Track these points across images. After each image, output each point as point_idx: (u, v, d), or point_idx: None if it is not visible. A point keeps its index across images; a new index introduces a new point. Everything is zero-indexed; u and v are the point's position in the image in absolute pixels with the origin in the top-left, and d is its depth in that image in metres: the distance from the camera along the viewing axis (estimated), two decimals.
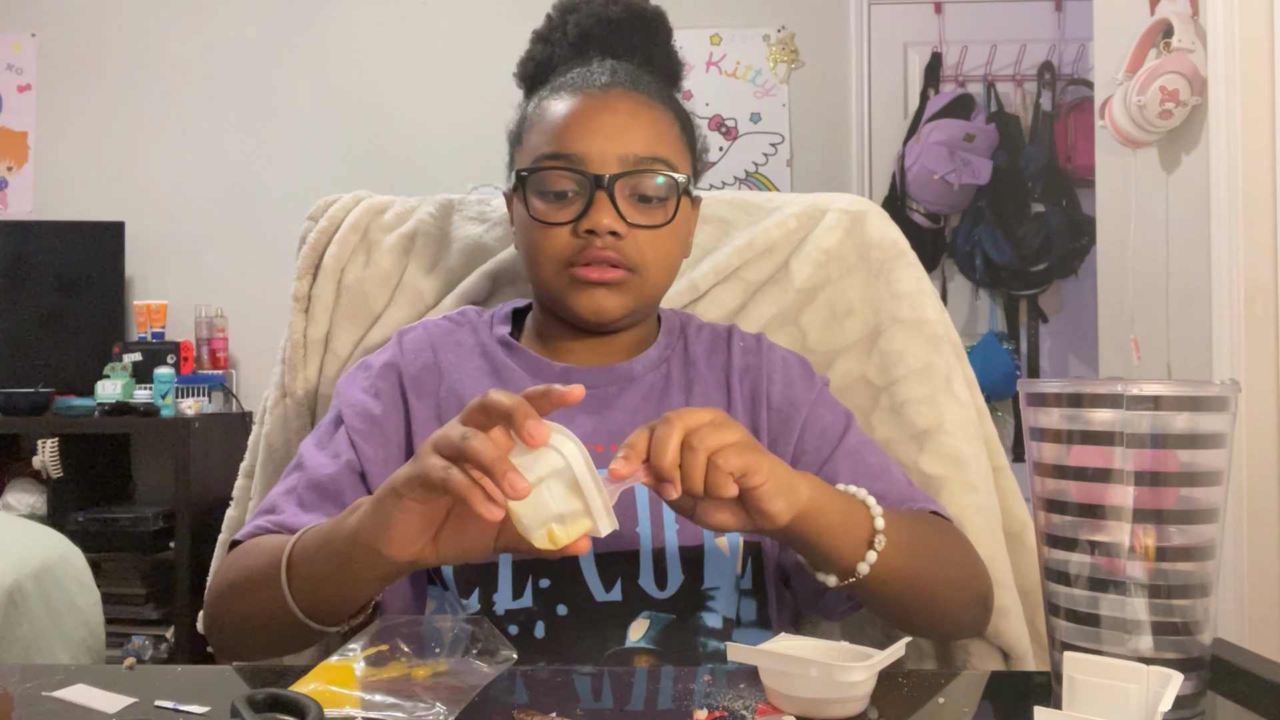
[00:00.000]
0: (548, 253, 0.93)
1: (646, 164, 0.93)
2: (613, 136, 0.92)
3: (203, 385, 3.34)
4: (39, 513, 3.11)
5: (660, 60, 1.05)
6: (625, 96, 0.95)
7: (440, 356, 1.00)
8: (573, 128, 0.93)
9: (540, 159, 0.94)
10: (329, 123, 3.61)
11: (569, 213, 0.92)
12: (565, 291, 0.94)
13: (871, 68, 3.61)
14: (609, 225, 0.91)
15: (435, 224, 1.24)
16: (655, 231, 0.93)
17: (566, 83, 0.98)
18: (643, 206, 0.93)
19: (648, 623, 0.90)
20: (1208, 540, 0.64)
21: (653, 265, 0.94)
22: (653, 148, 0.93)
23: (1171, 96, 2.00)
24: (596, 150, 0.92)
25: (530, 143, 0.97)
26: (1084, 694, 0.60)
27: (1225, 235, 1.94)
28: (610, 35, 1.03)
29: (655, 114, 0.96)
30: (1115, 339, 2.39)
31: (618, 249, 0.92)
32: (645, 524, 0.92)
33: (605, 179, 0.91)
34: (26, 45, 3.66)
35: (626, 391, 0.98)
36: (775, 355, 1.03)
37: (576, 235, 0.92)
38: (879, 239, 1.19)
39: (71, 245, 3.43)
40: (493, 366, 1.00)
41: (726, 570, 0.92)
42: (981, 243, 3.44)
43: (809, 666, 0.63)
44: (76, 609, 1.79)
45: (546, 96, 0.98)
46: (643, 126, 0.94)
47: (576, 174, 0.92)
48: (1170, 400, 0.63)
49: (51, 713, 0.64)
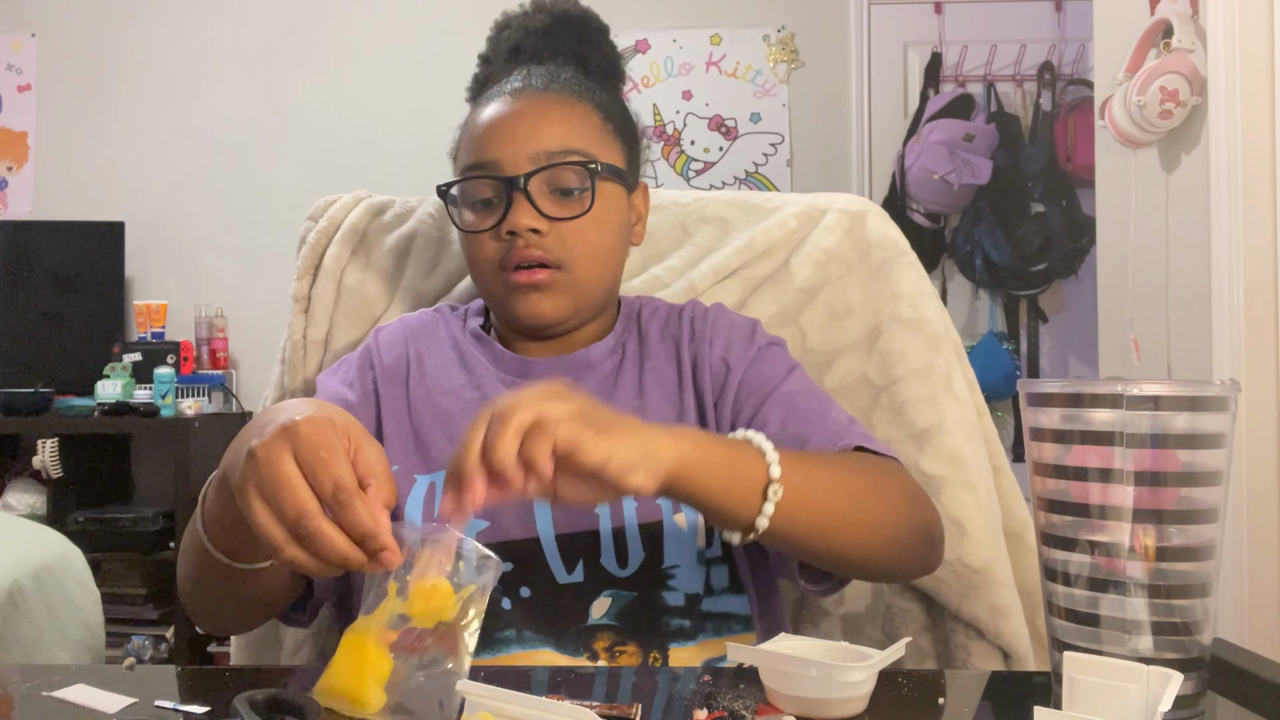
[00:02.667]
0: (480, 261, 0.96)
1: (558, 158, 0.94)
2: (521, 138, 0.94)
3: (203, 385, 3.34)
4: (39, 513, 3.11)
5: (595, 59, 1.06)
6: (534, 97, 0.97)
7: (413, 348, 1.03)
8: (485, 135, 0.96)
9: (463, 170, 0.97)
10: (329, 123, 3.61)
11: (493, 218, 0.95)
12: (504, 297, 0.97)
13: (871, 68, 3.61)
14: (527, 224, 0.92)
15: (435, 224, 1.24)
16: (577, 222, 0.94)
17: (485, 95, 1.01)
18: (562, 200, 0.94)
19: (610, 600, 0.91)
20: (1208, 540, 0.64)
21: (580, 258, 0.95)
22: (564, 141, 0.95)
23: (1171, 96, 2.00)
24: (509, 154, 0.94)
25: (458, 157, 1.01)
26: (1084, 694, 0.60)
27: (1225, 235, 1.94)
28: (539, 43, 1.05)
29: (566, 108, 0.97)
30: (1115, 339, 2.39)
31: (541, 246, 0.93)
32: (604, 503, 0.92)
33: (518, 179, 0.93)
34: (26, 45, 3.66)
35: (584, 378, 1.00)
36: (722, 321, 1.03)
37: (500, 239, 0.94)
38: (879, 239, 1.19)
39: (71, 245, 3.43)
40: (461, 357, 1.02)
41: (686, 546, 0.92)
42: (981, 243, 3.44)
43: (809, 666, 0.63)
44: (76, 609, 1.79)
45: (470, 112, 1.02)
46: (551, 122, 0.95)
47: (492, 179, 0.94)
48: (1170, 400, 0.62)
49: (51, 713, 0.64)
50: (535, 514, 0.92)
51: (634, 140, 1.04)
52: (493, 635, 0.89)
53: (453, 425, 0.97)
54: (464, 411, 0.98)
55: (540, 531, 0.91)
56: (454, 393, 1.00)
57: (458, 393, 1.00)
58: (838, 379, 1.15)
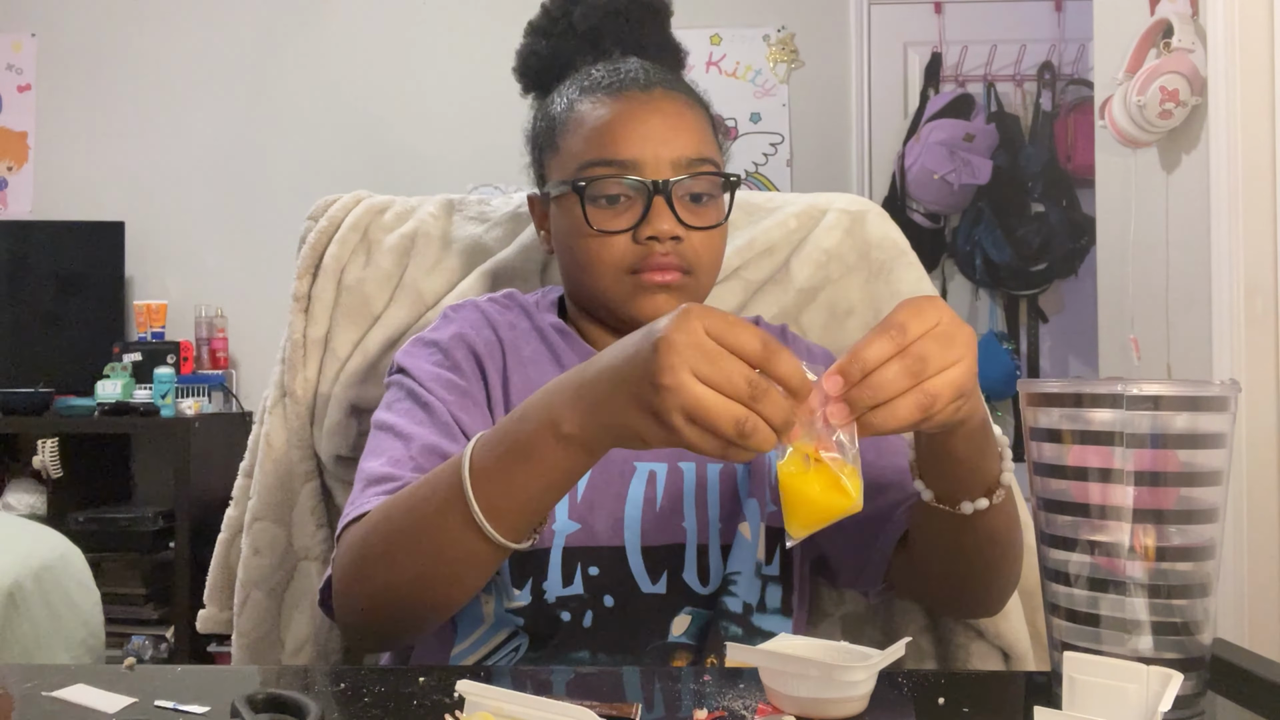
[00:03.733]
0: (607, 261, 0.92)
1: (697, 166, 0.92)
2: (664, 139, 0.92)
3: (203, 385, 3.34)
4: (39, 513, 3.12)
5: (669, 50, 1.04)
6: (668, 97, 0.94)
7: (503, 335, 0.98)
8: (621, 132, 0.92)
9: (587, 165, 0.92)
10: (329, 123, 3.61)
11: (626, 219, 0.91)
12: (628, 297, 0.93)
13: (871, 68, 3.61)
14: (670, 231, 0.90)
15: (435, 224, 1.24)
16: (710, 232, 0.93)
17: (599, 83, 0.96)
18: (695, 208, 0.93)
19: (689, 619, 0.91)
20: (1208, 540, 0.64)
21: (708, 266, 0.95)
22: (700, 148, 0.93)
23: (1171, 96, 2.00)
24: (650, 154, 0.91)
25: (570, 147, 0.95)
26: (1084, 694, 0.60)
27: (1225, 235, 1.94)
28: (622, 27, 1.01)
29: (696, 113, 0.96)
30: (1115, 339, 2.39)
31: (678, 253, 0.91)
32: (691, 519, 0.93)
33: (663, 184, 0.90)
34: (26, 45, 3.66)
35: None
36: (800, 346, 1.04)
37: (637, 242, 0.91)
38: (879, 239, 1.19)
39: (71, 245, 3.43)
40: (552, 352, 0.99)
41: (747, 556, 0.93)
42: (981, 243, 3.44)
43: (809, 666, 0.63)
44: (76, 609, 1.80)
45: (579, 98, 0.96)
46: (690, 127, 0.94)
47: (633, 181, 0.91)
48: (1170, 400, 0.62)
49: (51, 713, 0.64)
50: (625, 522, 0.92)
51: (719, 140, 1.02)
52: (566, 655, 0.89)
53: None
54: None
55: (627, 540, 0.91)
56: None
57: None
58: None
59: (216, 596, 1.20)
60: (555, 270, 1.20)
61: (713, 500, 0.94)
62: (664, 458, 0.94)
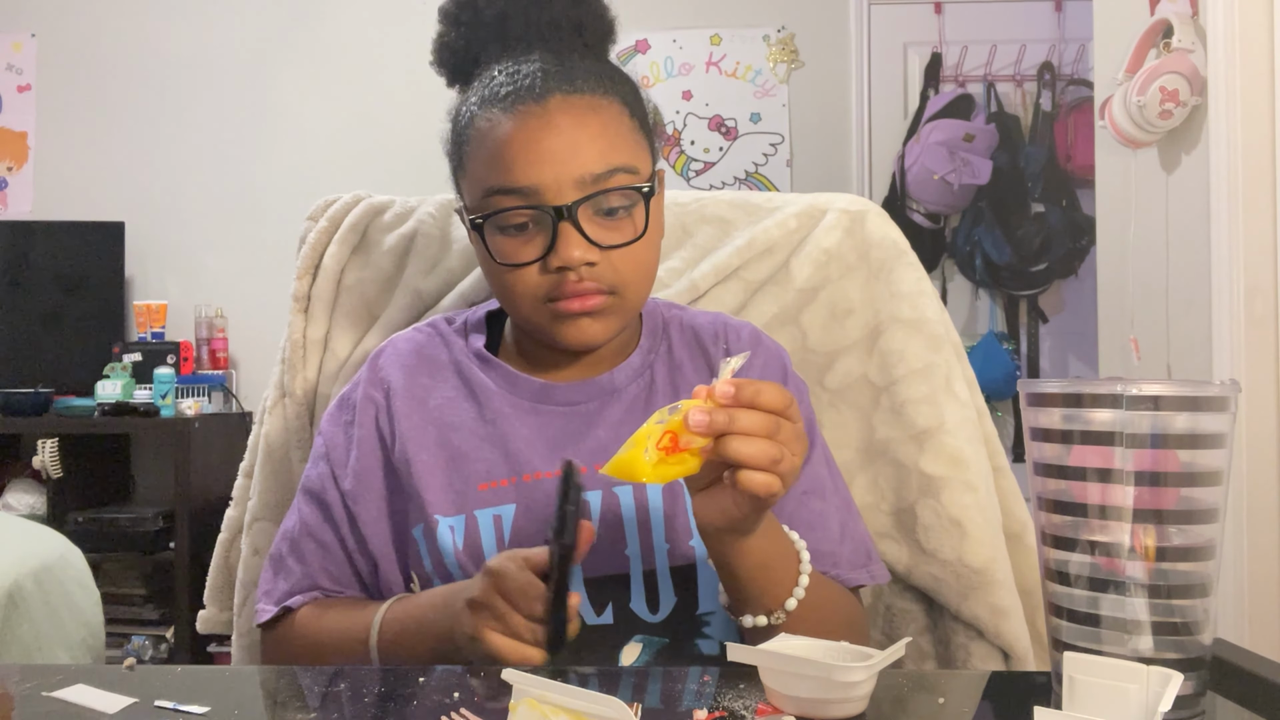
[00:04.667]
0: (520, 294, 0.88)
1: (605, 180, 0.85)
2: (562, 159, 0.84)
3: (203, 385, 3.34)
4: (39, 513, 3.12)
5: (591, 22, 0.95)
6: (567, 104, 0.86)
7: (414, 381, 0.95)
8: (519, 157, 0.85)
9: (490, 192, 0.87)
10: (329, 123, 3.61)
11: (534, 248, 0.86)
12: (547, 325, 0.89)
13: (871, 68, 3.61)
14: (580, 258, 0.84)
15: (435, 224, 1.24)
16: (632, 246, 0.87)
17: (496, 94, 0.88)
18: (610, 222, 0.86)
19: (640, 646, 0.88)
20: (1208, 540, 0.64)
21: (634, 281, 0.89)
22: (607, 158, 0.86)
23: (1171, 96, 2.00)
24: (550, 178, 0.84)
25: (474, 171, 0.89)
26: (1084, 694, 0.60)
27: (1225, 235, 1.94)
28: (531, 7, 0.93)
29: (601, 116, 0.87)
30: (1115, 339, 2.39)
31: (594, 276, 0.86)
32: (634, 545, 0.89)
33: (565, 209, 0.84)
34: (26, 45, 3.66)
35: (609, 405, 0.94)
36: (755, 361, 0.98)
37: (548, 271, 0.86)
38: (879, 239, 1.19)
39: (71, 245, 3.43)
40: (468, 386, 0.95)
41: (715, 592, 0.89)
42: (981, 243, 3.44)
43: (809, 666, 0.63)
44: (76, 609, 1.79)
45: (479, 112, 0.89)
46: (592, 138, 0.85)
47: (534, 209, 0.85)
48: (1170, 400, 0.62)
49: (51, 713, 0.64)
50: None
51: (649, 125, 0.94)
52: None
53: (468, 465, 0.91)
54: (479, 449, 0.91)
55: None
56: (464, 428, 0.93)
57: (469, 428, 0.93)
58: (838, 379, 1.15)
59: (216, 597, 1.20)
60: None
61: (656, 522, 0.89)
62: (598, 484, 0.90)
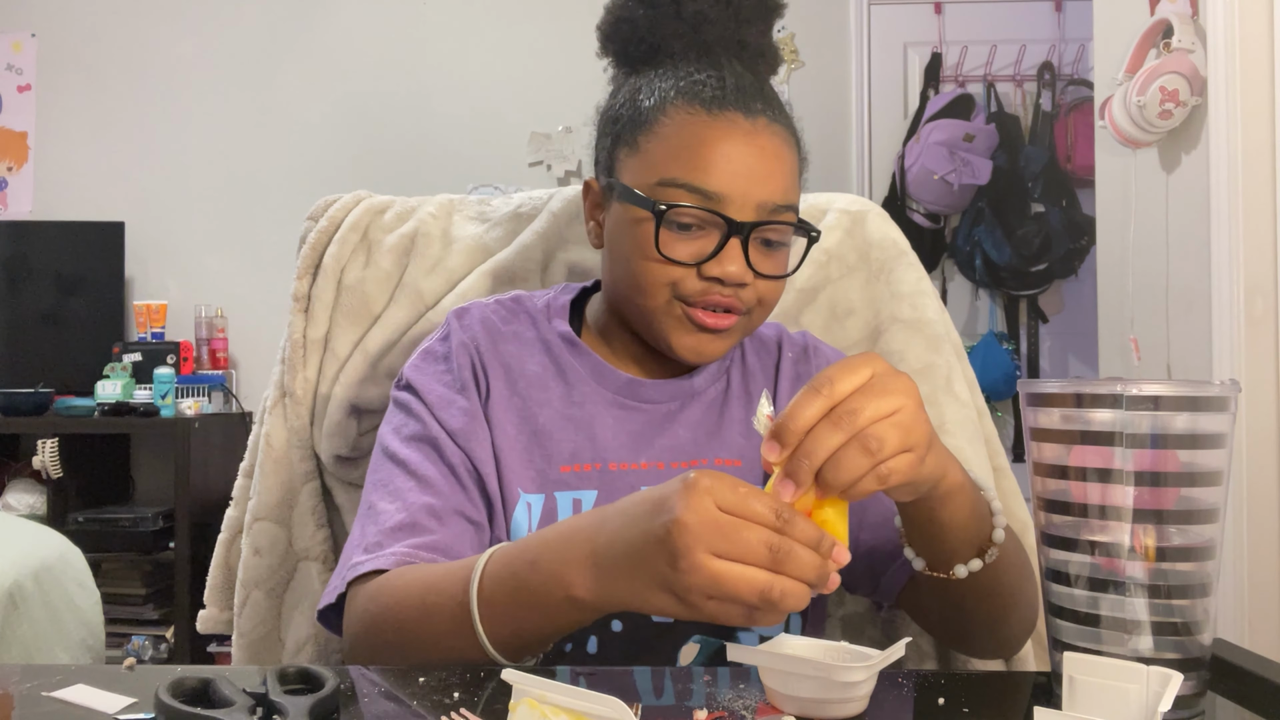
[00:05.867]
0: (656, 283, 0.87)
1: (781, 213, 0.87)
2: (758, 180, 0.85)
3: (203, 385, 3.34)
4: (39, 513, 3.12)
5: (769, 54, 0.97)
6: (770, 132, 0.87)
7: (501, 347, 0.94)
8: (715, 160, 0.85)
9: (668, 183, 0.86)
10: (329, 123, 3.61)
11: (694, 250, 0.86)
12: (671, 326, 0.88)
13: (871, 68, 3.61)
14: (738, 276, 0.85)
15: (435, 224, 1.24)
16: (776, 281, 0.89)
17: (700, 92, 0.88)
18: (768, 252, 0.88)
19: (698, 647, 0.88)
20: (1208, 540, 0.64)
21: (764, 309, 0.91)
22: (788, 194, 0.88)
23: (1171, 96, 2.00)
24: (739, 191, 0.85)
25: (652, 153, 0.88)
26: (1084, 694, 0.60)
27: (1225, 235, 1.94)
28: (731, 22, 0.93)
29: (791, 153, 0.90)
30: (1115, 339, 2.39)
31: (739, 297, 0.87)
32: None
33: (744, 227, 0.85)
34: (26, 45, 3.66)
35: (689, 406, 0.95)
36: (821, 360, 1.01)
37: (701, 277, 0.86)
38: (879, 239, 1.19)
39: (71, 245, 3.43)
40: (557, 366, 0.94)
41: None
42: (981, 243, 3.44)
43: (809, 666, 0.63)
44: (76, 609, 1.80)
45: (675, 101, 0.88)
46: (784, 171, 0.88)
47: (714, 215, 0.85)
48: (1170, 400, 0.62)
49: (51, 713, 0.64)
50: None
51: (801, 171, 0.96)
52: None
53: (551, 444, 0.90)
54: (564, 430, 0.91)
55: None
56: (551, 405, 0.92)
57: (555, 407, 0.92)
58: None
59: (217, 597, 1.20)
60: (556, 271, 1.20)
61: None
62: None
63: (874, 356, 0.65)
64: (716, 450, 0.94)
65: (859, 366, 0.64)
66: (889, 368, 0.65)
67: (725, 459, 0.93)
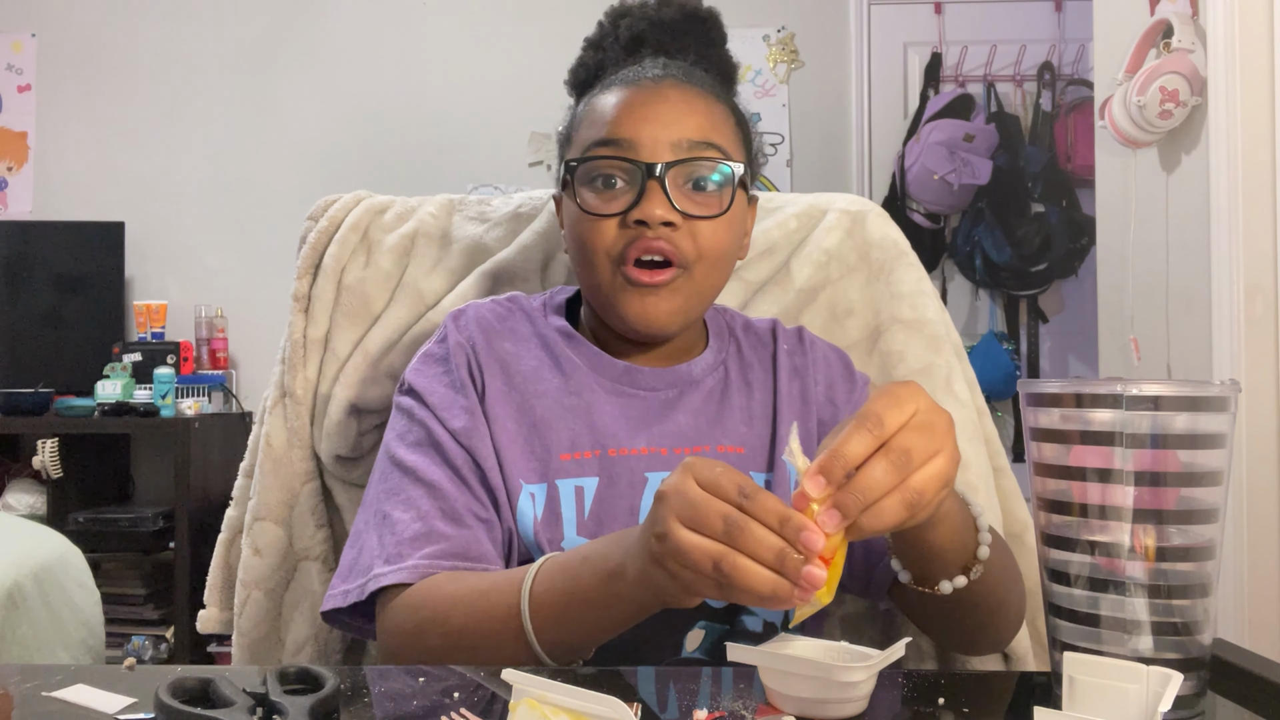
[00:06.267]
0: (598, 248, 0.89)
1: (700, 149, 0.88)
2: (665, 123, 0.88)
3: (203, 385, 3.34)
4: (39, 513, 3.12)
5: (716, 61, 1.02)
6: (678, 86, 0.91)
7: (496, 344, 0.95)
8: (623, 115, 0.89)
9: (589, 148, 0.90)
10: (329, 123, 3.61)
11: (620, 203, 0.88)
12: (617, 296, 0.89)
13: (871, 68, 3.61)
14: (661, 215, 0.86)
15: (435, 224, 1.24)
16: (710, 222, 0.88)
17: (617, 78, 0.95)
18: (696, 195, 0.89)
19: (703, 633, 0.89)
20: (1208, 540, 0.64)
21: (706, 259, 0.89)
22: (707, 134, 0.89)
23: (1171, 97, 2.00)
24: (648, 136, 0.88)
25: (580, 137, 0.94)
26: (1084, 694, 0.60)
27: (1225, 235, 1.94)
28: (664, 36, 1.00)
29: (709, 104, 0.92)
30: (1115, 339, 2.39)
31: (671, 240, 0.87)
32: None
33: (657, 167, 0.87)
34: (26, 45, 3.66)
35: (688, 394, 0.95)
36: (817, 353, 1.01)
37: (626, 226, 0.87)
38: (879, 239, 1.19)
39: (71, 245, 3.43)
40: (554, 358, 0.95)
41: None
42: (981, 243, 3.45)
43: (808, 666, 0.63)
44: (76, 609, 1.80)
45: (597, 93, 0.95)
46: (697, 113, 0.90)
47: (627, 162, 0.88)
48: (1170, 400, 0.62)
49: (51, 713, 0.64)
50: None
51: (751, 147, 1.00)
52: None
53: (550, 433, 0.91)
54: (562, 419, 0.92)
55: None
56: (549, 396, 0.93)
57: (553, 397, 0.93)
58: None
59: (216, 596, 1.20)
60: (556, 271, 1.20)
61: None
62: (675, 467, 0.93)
63: (917, 389, 0.66)
64: (719, 437, 0.94)
65: (905, 401, 0.64)
66: (931, 403, 0.65)
67: (728, 446, 0.94)
